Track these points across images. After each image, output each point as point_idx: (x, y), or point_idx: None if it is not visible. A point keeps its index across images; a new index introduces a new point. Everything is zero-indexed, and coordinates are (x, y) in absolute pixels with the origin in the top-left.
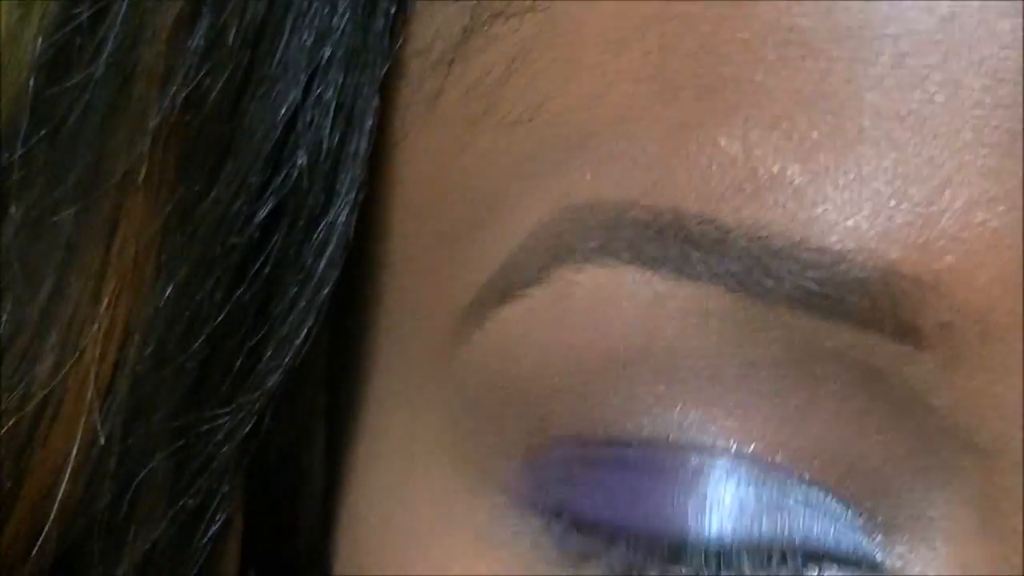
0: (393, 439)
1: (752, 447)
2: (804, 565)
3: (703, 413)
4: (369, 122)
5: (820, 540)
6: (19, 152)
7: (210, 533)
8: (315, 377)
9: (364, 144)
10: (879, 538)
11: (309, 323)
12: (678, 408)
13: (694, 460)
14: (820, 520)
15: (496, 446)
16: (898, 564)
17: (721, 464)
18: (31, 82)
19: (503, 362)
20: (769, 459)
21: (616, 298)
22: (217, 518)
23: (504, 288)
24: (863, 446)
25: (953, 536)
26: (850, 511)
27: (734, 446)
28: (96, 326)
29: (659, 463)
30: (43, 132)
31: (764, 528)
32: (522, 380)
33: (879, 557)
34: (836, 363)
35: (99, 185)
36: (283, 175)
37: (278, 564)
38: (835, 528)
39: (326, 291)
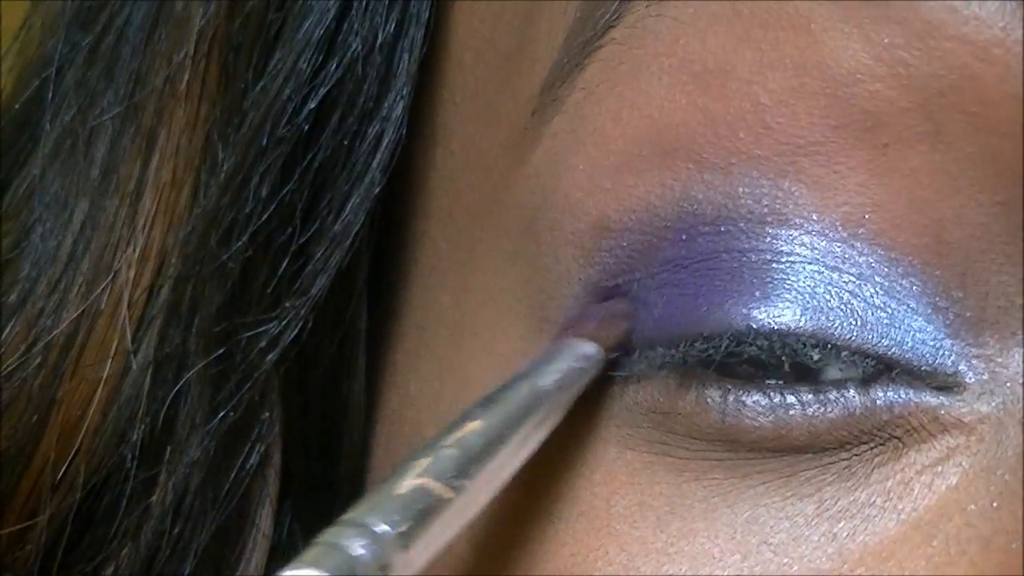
0: (443, 311)
1: (836, 214)
2: (876, 374)
3: (785, 164)
4: (426, 13)
5: (898, 340)
6: (52, 70)
7: (250, 464)
8: (357, 291)
9: (420, 35)
10: (964, 338)
11: (359, 224)
12: (759, 161)
13: (769, 237)
14: (901, 314)
15: (553, 272)
16: (983, 376)
17: (798, 241)
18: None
19: (577, 145)
20: (853, 230)
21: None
22: (257, 446)
23: (581, 46)
24: (952, 207)
25: None
26: (936, 301)
27: (815, 215)
28: (131, 247)
29: (732, 240)
30: (80, 49)
31: (837, 321)
32: (595, 160)
33: (962, 366)
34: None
35: (137, 103)
36: (336, 62)
37: (317, 499)
38: (916, 325)
39: (377, 190)
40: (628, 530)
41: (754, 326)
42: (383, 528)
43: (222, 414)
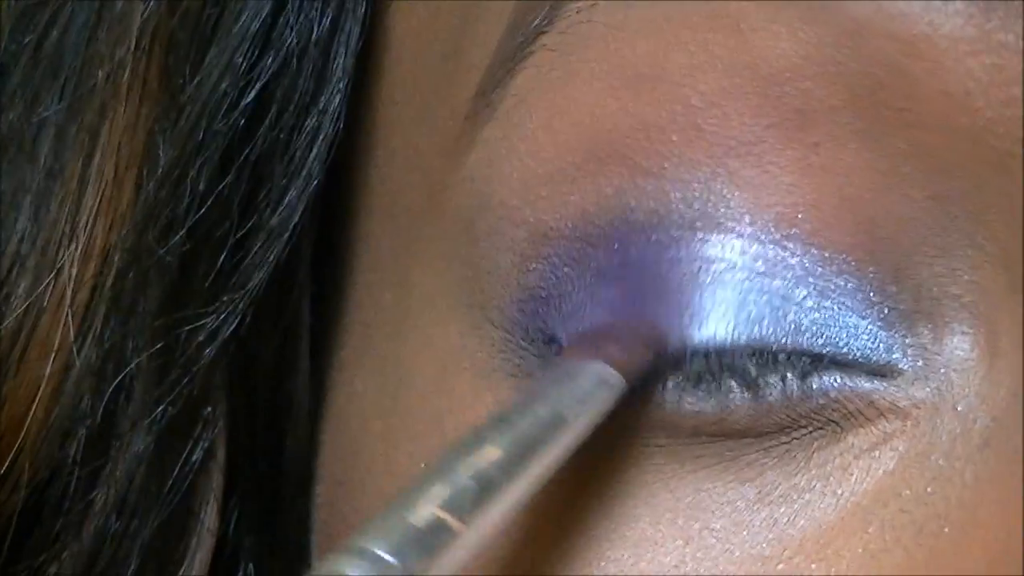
0: (385, 309)
1: (768, 215)
2: (813, 368)
3: (716, 165)
4: (363, 8)
5: (832, 338)
6: None
7: (193, 459)
8: (298, 286)
9: (356, 30)
10: (898, 329)
11: (296, 217)
12: (691, 163)
13: (700, 243)
14: (834, 313)
15: (492, 275)
16: (918, 363)
17: (729, 246)
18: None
19: (510, 152)
20: (786, 231)
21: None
22: (201, 442)
23: (513, 51)
24: (885, 203)
25: (980, 312)
26: (871, 296)
27: (747, 217)
28: (74, 245)
29: (663, 249)
30: (25, 47)
31: (771, 329)
32: (530, 168)
33: (896, 355)
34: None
35: (80, 99)
36: (271, 56)
37: (263, 495)
38: (851, 322)
39: (315, 183)
40: (569, 516)
41: (689, 345)
42: (395, 561)
43: (163, 408)
